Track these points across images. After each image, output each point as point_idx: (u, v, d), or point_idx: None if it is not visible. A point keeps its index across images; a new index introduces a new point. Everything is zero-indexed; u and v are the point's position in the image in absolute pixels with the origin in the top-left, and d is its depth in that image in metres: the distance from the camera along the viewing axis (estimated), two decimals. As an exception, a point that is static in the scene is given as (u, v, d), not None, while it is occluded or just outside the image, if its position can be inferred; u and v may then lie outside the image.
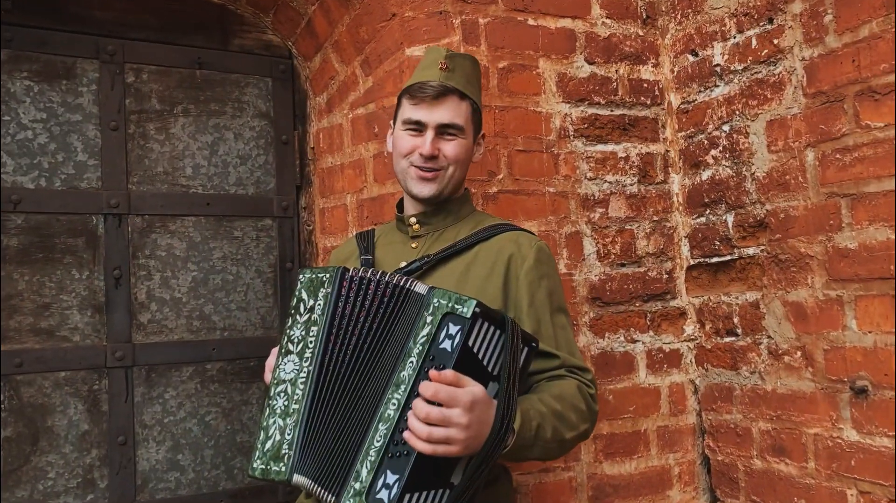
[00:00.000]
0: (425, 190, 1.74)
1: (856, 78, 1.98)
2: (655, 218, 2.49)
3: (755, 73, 2.25)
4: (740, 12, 2.30)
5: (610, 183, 2.42)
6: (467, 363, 1.32)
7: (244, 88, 2.38)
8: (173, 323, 2.24)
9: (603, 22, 2.45)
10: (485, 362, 1.36)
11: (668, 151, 2.53)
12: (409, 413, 1.31)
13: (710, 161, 2.41)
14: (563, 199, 2.35)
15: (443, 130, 1.71)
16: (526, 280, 1.67)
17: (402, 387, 1.36)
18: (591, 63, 2.42)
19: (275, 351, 1.66)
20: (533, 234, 1.77)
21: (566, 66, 2.38)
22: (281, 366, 1.55)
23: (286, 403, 1.52)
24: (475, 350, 1.34)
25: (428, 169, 1.72)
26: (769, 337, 2.23)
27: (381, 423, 1.36)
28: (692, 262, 2.49)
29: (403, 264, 1.74)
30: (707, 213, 2.42)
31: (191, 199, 2.29)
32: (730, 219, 2.35)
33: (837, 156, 2.03)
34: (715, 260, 2.40)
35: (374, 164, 2.27)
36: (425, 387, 1.30)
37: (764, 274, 2.24)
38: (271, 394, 1.54)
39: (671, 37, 2.53)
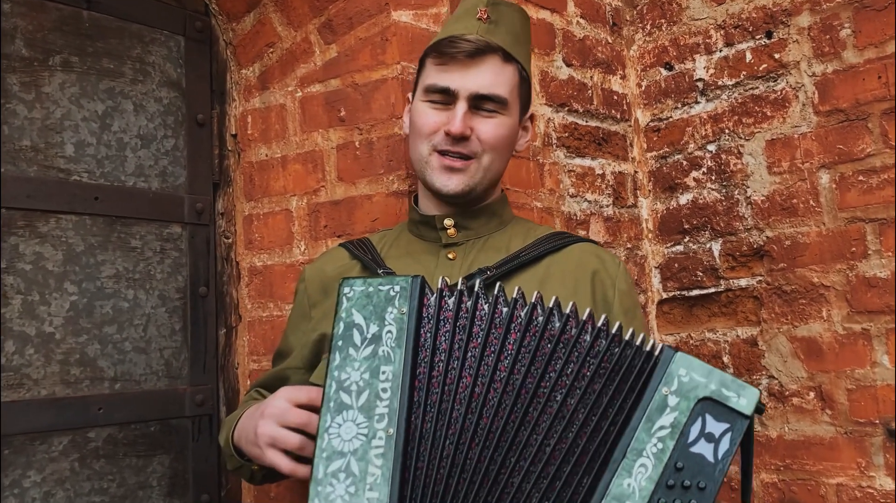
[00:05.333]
0: (451, 183, 1.29)
1: (883, 95, 1.85)
2: (629, 245, 2.20)
3: (751, 88, 2.07)
4: (730, 24, 2.12)
5: (589, 202, 2.10)
6: None
7: (149, 46, 1.73)
8: (40, 371, 1.49)
9: (578, 21, 2.15)
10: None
11: (636, 172, 2.27)
12: None
13: (691, 184, 2.18)
14: (549, 216, 1.98)
15: (478, 103, 1.28)
16: (621, 307, 1.32)
17: None
18: (568, 65, 2.10)
19: (294, 408, 1.11)
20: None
21: (547, 64, 2.04)
22: (330, 430, 0.99)
23: (353, 489, 0.96)
24: None
25: (456, 154, 1.28)
26: (771, 377, 2.01)
27: None
28: (665, 296, 2.23)
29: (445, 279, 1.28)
30: (686, 240, 2.18)
31: (72, 189, 1.57)
32: (716, 247, 2.13)
33: (861, 178, 1.89)
34: (695, 293, 2.16)
35: (339, 158, 1.73)
36: None
37: (762, 307, 2.03)
38: (320, 475, 0.97)
39: (638, 48, 2.30)
